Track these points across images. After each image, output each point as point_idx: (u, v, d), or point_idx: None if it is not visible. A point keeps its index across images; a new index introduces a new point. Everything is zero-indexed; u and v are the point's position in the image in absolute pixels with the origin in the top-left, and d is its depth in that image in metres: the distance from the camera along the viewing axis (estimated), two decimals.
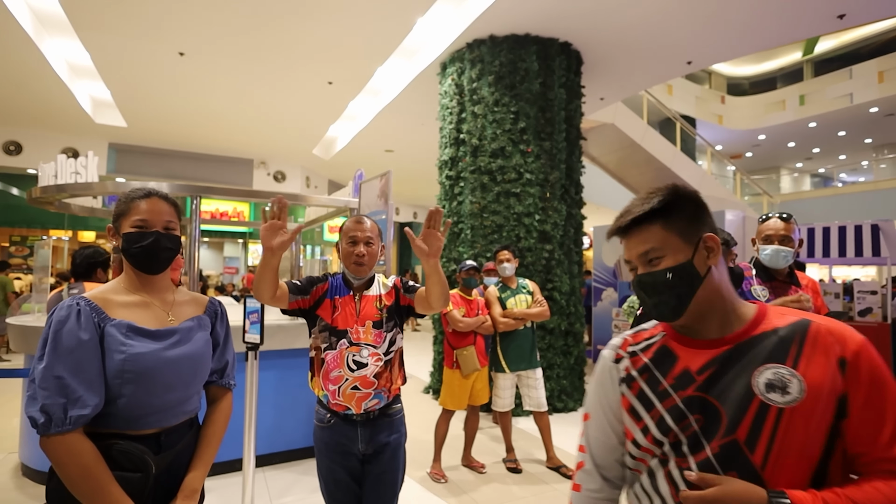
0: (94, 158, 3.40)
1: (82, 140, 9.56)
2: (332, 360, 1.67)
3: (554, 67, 5.17)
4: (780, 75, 19.42)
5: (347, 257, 1.72)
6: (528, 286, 3.57)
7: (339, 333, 1.68)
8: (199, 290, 6.14)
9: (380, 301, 1.76)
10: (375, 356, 1.69)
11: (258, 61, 6.31)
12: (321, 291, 1.73)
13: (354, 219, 1.78)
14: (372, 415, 1.71)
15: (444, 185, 5.41)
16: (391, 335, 1.74)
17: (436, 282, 1.58)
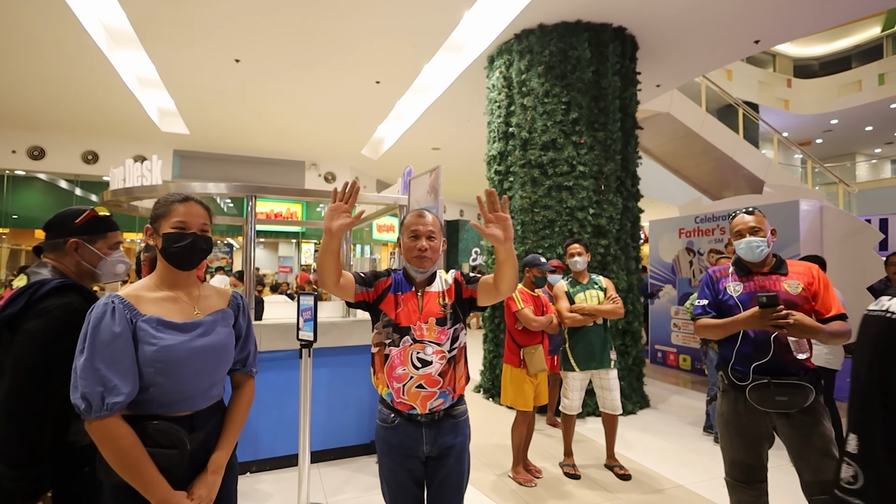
0: (158, 162, 3.56)
1: (150, 148, 10.18)
2: (396, 357, 1.64)
3: (607, 54, 4.94)
4: (856, 53, 17.92)
5: (409, 251, 1.69)
6: (600, 282, 3.42)
7: (403, 330, 1.64)
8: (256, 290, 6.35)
9: (442, 297, 1.71)
10: (440, 353, 1.64)
11: (309, 65, 6.45)
12: (385, 286, 1.71)
13: (416, 213, 1.74)
14: (437, 415, 1.66)
15: (493, 181, 5.30)
16: (454, 331, 1.68)
17: (510, 266, 1.53)
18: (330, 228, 1.44)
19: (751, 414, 2.02)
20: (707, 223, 6.60)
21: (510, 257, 1.52)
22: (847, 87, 16.70)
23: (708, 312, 2.15)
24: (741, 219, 2.15)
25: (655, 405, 5.10)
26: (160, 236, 1.32)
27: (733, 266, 2.19)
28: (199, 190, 3.60)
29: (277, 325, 3.34)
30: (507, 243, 1.48)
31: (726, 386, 2.12)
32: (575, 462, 3.45)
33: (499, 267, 1.55)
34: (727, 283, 2.15)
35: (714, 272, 2.24)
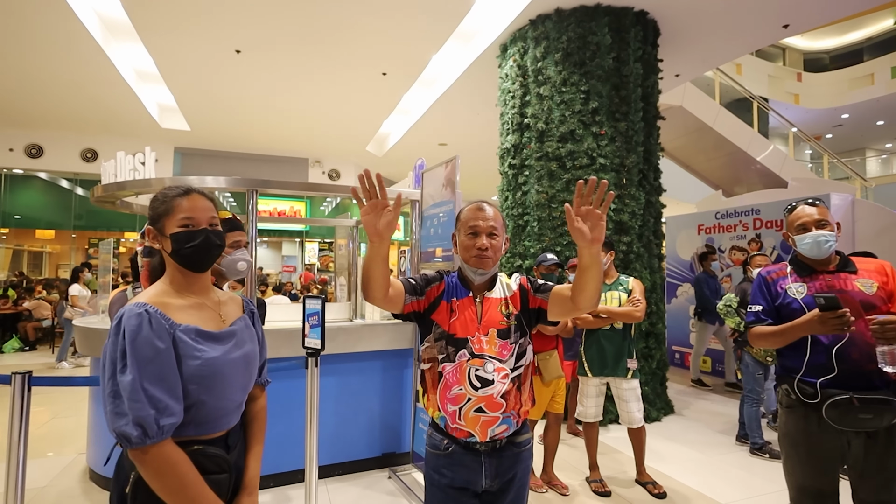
0: (151, 154, 3.31)
1: (150, 145, 9.86)
2: (451, 375, 1.41)
3: (629, 40, 4.67)
4: (868, 46, 17.61)
5: (467, 250, 1.46)
6: (627, 283, 3.15)
7: (459, 343, 1.42)
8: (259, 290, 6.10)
9: (505, 305, 1.48)
10: (502, 372, 1.41)
11: (312, 55, 6.19)
12: (437, 292, 1.48)
13: (475, 206, 1.50)
14: (499, 444, 1.43)
15: (507, 175, 5.04)
16: (519, 347, 1.45)
17: (594, 276, 1.30)
18: (378, 230, 1.22)
19: (826, 433, 1.75)
20: (728, 219, 6.31)
21: (595, 264, 1.28)
22: (859, 80, 16.40)
23: (763, 320, 1.88)
24: (804, 210, 1.88)
25: (680, 411, 4.83)
26: (167, 237, 1.16)
27: (791, 265, 1.93)
28: (197, 184, 3.35)
29: (281, 331, 3.09)
30: (594, 246, 1.25)
31: (792, 402, 1.84)
32: (602, 476, 3.19)
33: (580, 274, 1.31)
34: (787, 284, 1.88)
35: (768, 273, 1.96)
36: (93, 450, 3.19)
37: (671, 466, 3.50)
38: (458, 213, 1.54)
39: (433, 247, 3.22)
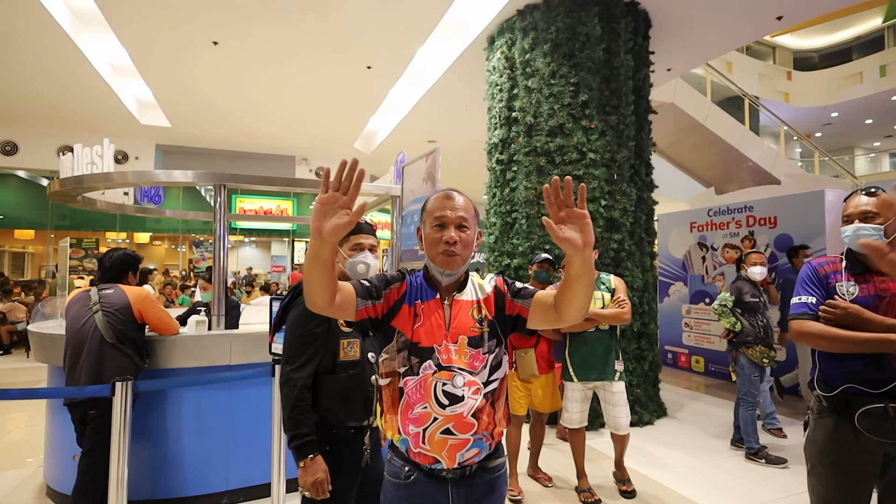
0: (109, 146, 3.10)
1: (130, 143, 9.66)
2: (413, 391, 1.22)
3: (619, 31, 4.51)
4: (857, 45, 17.68)
5: (433, 246, 1.27)
6: (609, 282, 3.00)
7: (423, 353, 1.23)
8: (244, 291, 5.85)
9: (478, 309, 1.29)
10: (473, 386, 1.23)
11: (294, 47, 5.98)
12: (397, 294, 1.28)
13: (442, 193, 1.31)
14: (469, 470, 1.26)
15: (495, 171, 4.87)
16: (494, 357, 1.27)
17: (585, 285, 1.13)
18: (320, 230, 1.02)
19: (859, 445, 1.58)
20: (721, 216, 6.20)
21: (587, 272, 1.11)
22: (848, 79, 16.44)
23: (814, 314, 1.66)
24: (856, 199, 1.68)
25: (672, 413, 4.69)
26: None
27: (846, 259, 1.73)
28: (164, 178, 3.15)
29: (250, 335, 2.90)
30: (586, 250, 1.07)
31: (823, 408, 1.67)
32: (590, 485, 3.04)
33: (568, 283, 1.14)
34: (838, 281, 1.69)
35: (820, 265, 1.75)
36: (50, 464, 2.97)
37: (663, 473, 3.35)
38: (424, 204, 1.35)
39: (415, 245, 3.05)
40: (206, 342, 2.81)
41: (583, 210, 1.05)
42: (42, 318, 5.75)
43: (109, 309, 2.42)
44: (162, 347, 2.72)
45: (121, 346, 2.40)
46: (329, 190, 1.03)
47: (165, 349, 2.73)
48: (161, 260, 15.13)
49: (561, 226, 1.05)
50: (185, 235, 12.58)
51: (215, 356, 2.82)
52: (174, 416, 2.78)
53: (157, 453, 2.75)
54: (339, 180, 1.02)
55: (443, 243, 1.24)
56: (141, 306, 2.51)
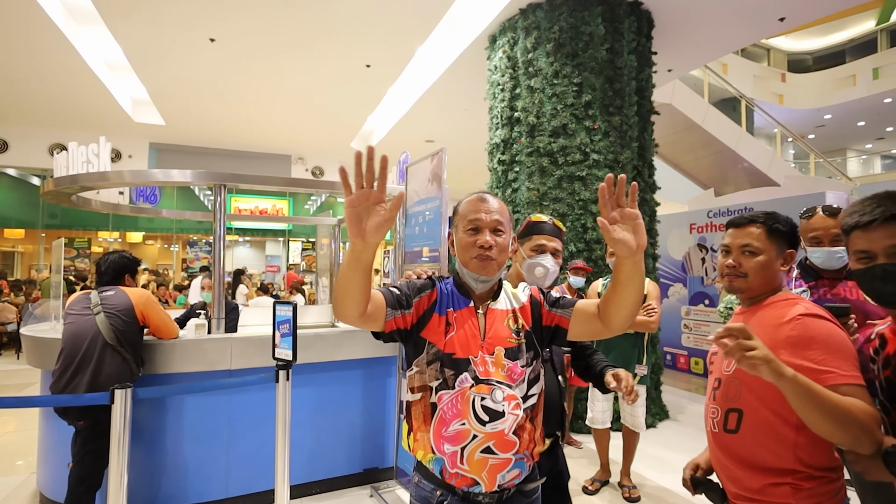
0: (106, 144, 3.02)
1: (124, 141, 9.52)
2: (449, 406, 1.13)
3: (622, 31, 4.48)
4: (850, 48, 17.82)
5: (466, 250, 1.20)
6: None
7: (459, 364, 1.14)
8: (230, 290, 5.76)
9: (514, 318, 1.21)
10: (513, 401, 1.14)
11: (292, 45, 5.90)
12: (428, 303, 1.20)
13: (476, 196, 1.24)
14: (507, 493, 1.16)
15: (496, 172, 4.82)
16: (532, 371, 1.19)
17: (636, 291, 1.06)
18: (363, 229, 0.94)
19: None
20: (721, 218, 6.18)
21: (638, 276, 1.04)
22: (841, 81, 16.55)
23: None
24: (822, 222, 1.76)
25: (675, 416, 4.67)
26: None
27: (798, 269, 1.84)
28: (162, 178, 3.07)
29: (252, 339, 2.83)
30: (639, 252, 1.01)
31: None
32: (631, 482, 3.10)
33: (616, 289, 1.07)
34: (791, 288, 1.78)
35: None
36: (43, 471, 2.89)
37: (668, 476, 3.32)
38: (456, 207, 1.29)
39: (419, 246, 2.99)
40: (205, 346, 2.74)
41: (634, 210, 0.99)
42: (35, 320, 5.63)
43: (111, 310, 2.35)
44: (161, 352, 2.65)
45: (120, 349, 2.33)
46: (354, 189, 0.94)
47: (164, 354, 2.66)
48: (154, 259, 14.95)
49: (615, 227, 0.99)
50: (178, 235, 12.43)
51: (215, 361, 2.75)
52: (173, 422, 2.71)
53: (155, 460, 2.67)
54: (360, 175, 0.93)
55: (477, 247, 1.17)
56: (144, 308, 2.44)
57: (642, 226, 0.99)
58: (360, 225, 0.93)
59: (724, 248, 1.30)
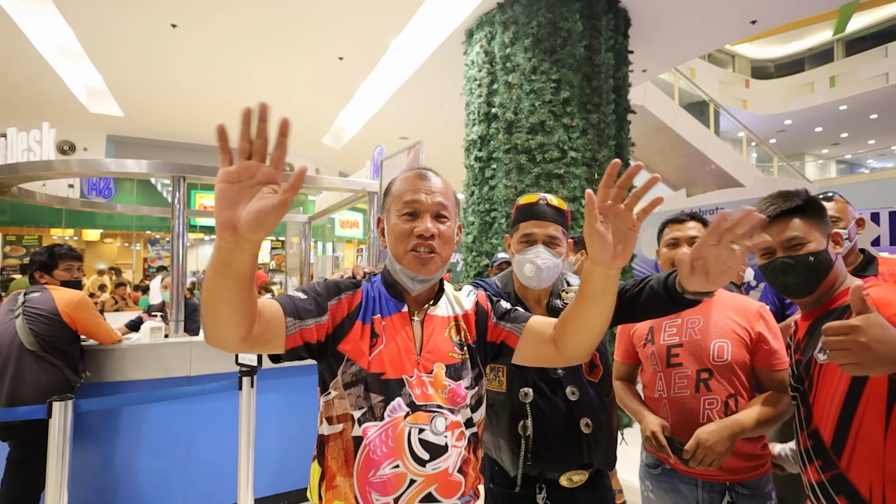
0: (50, 132, 2.76)
1: (79, 133, 8.98)
2: (378, 443, 0.88)
3: (600, 28, 4.45)
4: (809, 56, 18.56)
5: (400, 240, 0.96)
6: None
7: (389, 388, 0.91)
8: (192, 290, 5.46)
9: (456, 329, 1.01)
10: (457, 430, 0.92)
11: (260, 32, 5.64)
12: (348, 308, 0.96)
13: (414, 173, 1.00)
14: None
15: (473, 169, 4.72)
16: (475, 395, 0.98)
17: (602, 312, 0.86)
18: (236, 222, 0.65)
19: None
20: None
21: (606, 295, 0.84)
22: (801, 88, 17.21)
23: None
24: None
25: None
26: None
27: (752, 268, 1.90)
28: (114, 168, 2.83)
29: None
30: (616, 265, 0.81)
31: None
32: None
33: (579, 306, 0.87)
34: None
35: None
36: None
37: None
38: (388, 186, 1.03)
39: None
40: (162, 351, 2.53)
41: (636, 219, 0.79)
42: None
43: (33, 313, 2.11)
44: (111, 358, 2.43)
45: (46, 355, 2.09)
46: (238, 158, 0.65)
47: (116, 360, 2.44)
48: (113, 259, 14.24)
49: (602, 217, 0.80)
50: (139, 233, 11.85)
51: (173, 367, 2.55)
52: (127, 434, 2.49)
53: (106, 476, 2.45)
54: (247, 139, 0.65)
55: (415, 237, 0.94)
56: (72, 311, 2.19)
57: (634, 239, 0.80)
58: (232, 210, 0.64)
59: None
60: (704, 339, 1.35)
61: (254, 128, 0.65)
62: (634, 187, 3.80)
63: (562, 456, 1.24)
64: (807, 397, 1.05)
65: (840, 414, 0.95)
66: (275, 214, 0.64)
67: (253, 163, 0.66)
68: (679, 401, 1.34)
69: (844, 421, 0.94)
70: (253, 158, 0.66)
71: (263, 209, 0.63)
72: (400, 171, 2.53)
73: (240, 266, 0.68)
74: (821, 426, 0.99)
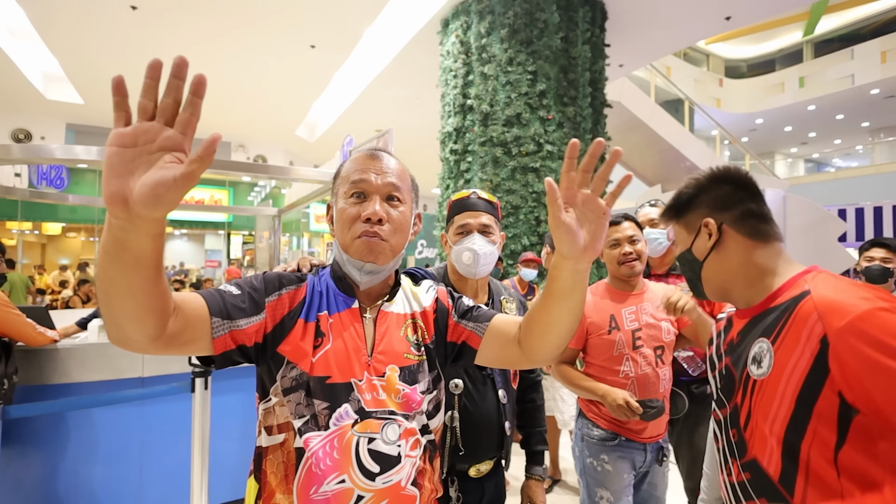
0: None
1: (35, 121, 8.55)
2: (320, 456, 0.79)
3: (577, 20, 4.39)
4: (780, 57, 19.01)
5: (347, 225, 0.85)
6: None
7: (335, 393, 0.81)
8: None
9: (413, 327, 0.91)
10: (411, 438, 0.84)
11: (226, 15, 5.41)
12: (290, 304, 0.85)
13: (365, 153, 0.90)
14: None
15: (448, 162, 4.62)
16: (432, 399, 0.90)
17: (572, 308, 0.77)
18: (127, 194, 0.53)
19: None
20: None
21: (575, 292, 0.75)
22: (772, 88, 17.63)
23: None
24: (642, 211, 2.03)
25: None
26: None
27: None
28: (61, 155, 2.63)
29: None
30: (585, 258, 0.71)
31: None
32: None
33: (545, 304, 0.79)
34: None
35: None
36: None
37: None
38: (338, 169, 0.93)
39: None
40: (111, 351, 2.36)
41: (604, 204, 0.69)
42: None
43: None
44: (54, 359, 2.26)
45: None
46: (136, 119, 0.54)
47: (60, 361, 2.27)
48: (77, 254, 13.68)
49: (568, 207, 0.70)
50: (102, 227, 11.42)
51: (124, 367, 2.38)
52: (75, 441, 2.33)
53: (50, 486, 2.28)
54: (150, 93, 0.54)
55: (362, 221, 0.84)
56: None
57: (605, 227, 0.70)
58: (123, 180, 0.52)
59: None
60: (657, 321, 1.60)
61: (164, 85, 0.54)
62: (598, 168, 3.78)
63: (481, 449, 1.29)
64: (737, 418, 0.85)
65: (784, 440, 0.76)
66: (176, 188, 0.53)
67: (155, 124, 0.55)
68: (644, 377, 1.55)
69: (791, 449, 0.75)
70: (157, 120, 0.55)
71: (162, 181, 0.52)
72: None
73: (137, 249, 0.57)
74: (761, 456, 0.80)
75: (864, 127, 17.80)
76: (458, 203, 1.36)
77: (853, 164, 20.40)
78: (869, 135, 18.13)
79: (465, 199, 1.35)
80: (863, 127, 17.83)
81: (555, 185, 0.69)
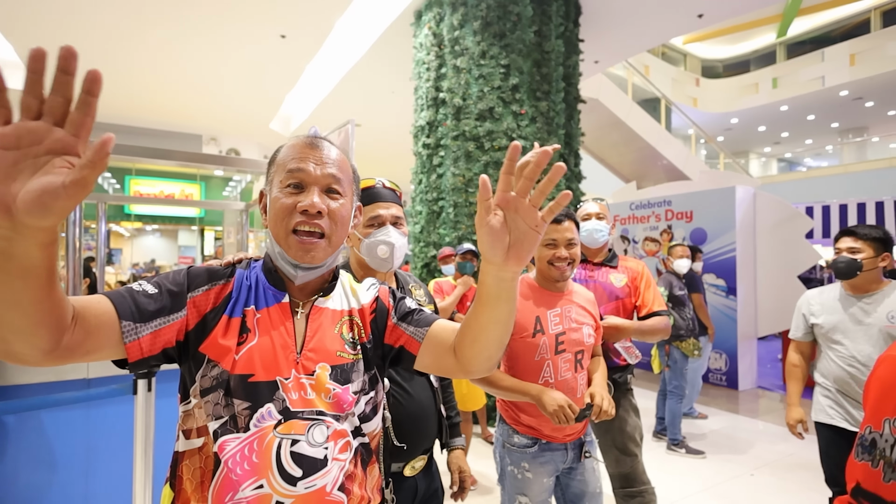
0: None
1: None
2: (237, 460, 0.73)
3: (550, 14, 4.35)
4: (754, 58, 19.40)
5: (281, 217, 0.80)
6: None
7: (257, 393, 0.76)
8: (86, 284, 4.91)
9: (349, 324, 0.87)
10: (341, 440, 0.79)
11: (195, 5, 5.22)
12: (215, 300, 0.80)
13: (304, 140, 0.84)
14: None
15: (421, 156, 4.54)
16: (369, 402, 0.85)
17: (500, 318, 0.74)
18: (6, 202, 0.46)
19: None
20: (642, 210, 6.34)
21: (501, 302, 0.72)
22: (746, 88, 17.99)
23: None
24: (588, 206, 2.13)
25: None
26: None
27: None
28: None
29: None
30: (509, 266, 0.68)
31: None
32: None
33: (475, 311, 0.75)
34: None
35: None
36: None
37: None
38: (272, 155, 0.87)
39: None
40: None
41: (540, 216, 0.65)
42: None
43: None
44: None
45: None
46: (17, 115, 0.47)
47: None
48: None
49: (497, 210, 0.66)
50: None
51: (67, 368, 2.25)
52: (14, 446, 2.19)
53: None
54: (37, 94, 0.46)
55: (298, 213, 0.79)
56: None
57: (536, 241, 0.66)
58: (4, 186, 0.46)
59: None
60: (579, 325, 1.56)
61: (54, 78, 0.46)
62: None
63: (422, 438, 1.25)
64: None
65: None
66: (66, 196, 0.47)
67: (40, 124, 0.47)
68: (565, 382, 1.50)
69: None
70: (44, 120, 0.48)
71: (49, 188, 0.46)
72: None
73: (24, 259, 0.51)
74: None
75: (834, 128, 18.30)
76: (366, 193, 1.27)
77: (823, 164, 20.99)
78: (838, 135, 18.65)
79: (372, 188, 1.28)
80: (832, 128, 18.33)
81: (489, 184, 0.64)
